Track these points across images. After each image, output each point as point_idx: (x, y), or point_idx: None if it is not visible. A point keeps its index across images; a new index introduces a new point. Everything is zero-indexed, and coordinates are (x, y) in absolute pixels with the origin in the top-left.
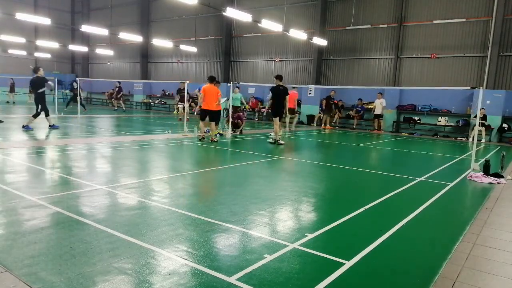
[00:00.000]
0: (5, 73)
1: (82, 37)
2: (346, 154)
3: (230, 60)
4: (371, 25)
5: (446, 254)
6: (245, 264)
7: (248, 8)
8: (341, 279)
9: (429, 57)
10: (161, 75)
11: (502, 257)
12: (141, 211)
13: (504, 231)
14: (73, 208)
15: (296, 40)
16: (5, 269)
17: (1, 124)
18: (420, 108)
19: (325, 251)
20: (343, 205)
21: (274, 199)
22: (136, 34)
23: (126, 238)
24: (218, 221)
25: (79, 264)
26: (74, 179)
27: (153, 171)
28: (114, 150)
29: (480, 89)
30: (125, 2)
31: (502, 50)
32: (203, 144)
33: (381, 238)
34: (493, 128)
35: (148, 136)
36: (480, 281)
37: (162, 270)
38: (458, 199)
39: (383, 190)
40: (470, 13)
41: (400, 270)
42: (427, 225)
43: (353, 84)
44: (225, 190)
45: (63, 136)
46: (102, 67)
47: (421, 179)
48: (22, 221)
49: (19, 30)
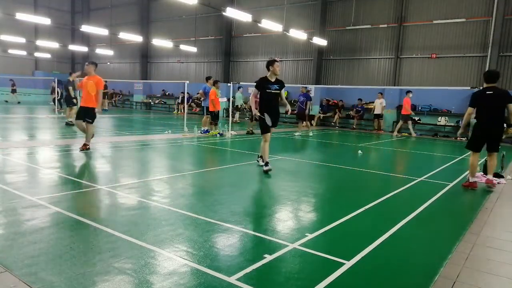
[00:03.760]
0: (5, 73)
1: (82, 37)
2: (346, 154)
3: (230, 60)
4: (371, 25)
5: (446, 254)
6: (245, 264)
7: (248, 8)
8: (341, 279)
9: (429, 57)
10: (161, 75)
11: (502, 257)
12: (141, 211)
13: (504, 231)
14: (73, 208)
15: (296, 40)
16: (5, 269)
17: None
18: (420, 108)
19: (325, 251)
20: (343, 205)
21: (274, 199)
22: (136, 34)
23: (126, 238)
24: (218, 221)
25: (79, 264)
26: (74, 179)
27: (153, 171)
28: (114, 150)
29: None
30: (125, 2)
31: (502, 50)
32: (203, 144)
33: (381, 238)
34: None
35: (148, 136)
36: (480, 281)
37: (162, 270)
38: (458, 199)
39: (383, 190)
40: (470, 13)
41: (400, 270)
42: (427, 225)
43: (353, 84)
44: (225, 190)
45: (63, 136)
46: (102, 67)
47: (421, 179)
48: (22, 221)
49: (19, 30)
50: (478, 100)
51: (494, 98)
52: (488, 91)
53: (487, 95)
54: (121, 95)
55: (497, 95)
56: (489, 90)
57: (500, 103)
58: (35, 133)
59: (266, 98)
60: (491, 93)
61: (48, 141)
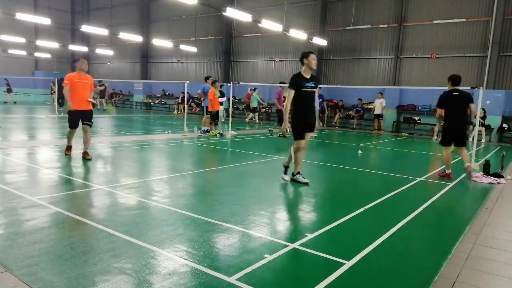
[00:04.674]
0: (5, 73)
1: (82, 37)
2: (346, 154)
3: (230, 60)
4: (371, 25)
5: (446, 254)
6: (245, 264)
7: (248, 8)
8: (341, 279)
9: (429, 57)
10: (161, 75)
11: (502, 257)
12: (141, 211)
13: (504, 231)
14: (73, 208)
15: (296, 40)
16: (5, 269)
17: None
18: (420, 108)
19: (325, 251)
20: (343, 205)
21: (274, 199)
22: (136, 34)
23: (126, 238)
24: (218, 221)
25: (79, 264)
26: (74, 179)
27: (153, 171)
28: (114, 150)
29: (480, 89)
30: (125, 2)
31: (502, 50)
32: (203, 144)
33: (381, 238)
34: (493, 128)
35: (148, 136)
36: (480, 281)
37: (162, 270)
38: (458, 199)
39: (383, 190)
40: (470, 13)
41: (400, 270)
42: (427, 225)
43: (353, 84)
44: (225, 190)
45: (62, 136)
46: (102, 67)
47: (421, 179)
48: (22, 221)
49: (19, 30)
50: (446, 101)
51: (459, 98)
52: (454, 92)
53: (453, 96)
54: (121, 95)
55: (461, 96)
56: (455, 92)
57: (464, 103)
58: (35, 133)
59: (302, 99)
60: (457, 94)
61: (48, 141)
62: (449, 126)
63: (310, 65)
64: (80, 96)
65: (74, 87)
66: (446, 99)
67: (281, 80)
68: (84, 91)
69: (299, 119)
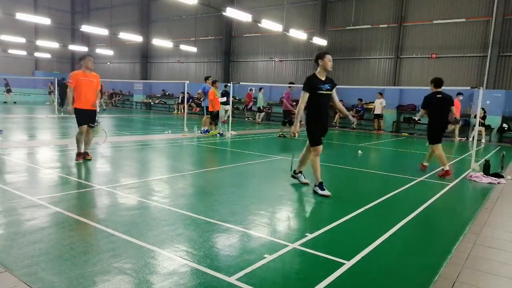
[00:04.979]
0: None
1: (82, 37)
2: (346, 154)
3: (230, 60)
4: (371, 25)
5: (446, 254)
6: (245, 264)
7: (248, 8)
8: (341, 279)
9: (429, 57)
10: (161, 75)
11: (502, 257)
12: (141, 211)
13: (504, 231)
14: (73, 208)
15: (296, 40)
16: (5, 269)
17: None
18: (420, 108)
19: (325, 251)
20: (343, 205)
21: (274, 199)
22: (136, 34)
23: (126, 238)
24: (218, 221)
25: (79, 264)
26: (74, 179)
27: (153, 171)
28: (114, 150)
29: (480, 89)
30: (125, 2)
31: (502, 50)
32: (203, 144)
33: (381, 238)
34: (493, 128)
35: (148, 136)
36: (480, 281)
37: (162, 270)
38: (458, 199)
39: (383, 190)
40: (470, 13)
41: (400, 270)
42: (427, 225)
43: (353, 84)
44: (225, 190)
45: (62, 136)
46: (102, 67)
47: (421, 179)
48: (22, 221)
49: (19, 30)
50: (430, 103)
51: (442, 100)
52: (438, 95)
53: (437, 98)
54: (121, 95)
55: (444, 98)
56: (438, 94)
57: (447, 106)
58: (35, 133)
59: (317, 102)
60: (440, 97)
61: (48, 141)
62: (433, 126)
63: (325, 67)
64: (85, 95)
65: (79, 86)
66: (430, 101)
67: (281, 80)
68: (89, 90)
69: (316, 123)
